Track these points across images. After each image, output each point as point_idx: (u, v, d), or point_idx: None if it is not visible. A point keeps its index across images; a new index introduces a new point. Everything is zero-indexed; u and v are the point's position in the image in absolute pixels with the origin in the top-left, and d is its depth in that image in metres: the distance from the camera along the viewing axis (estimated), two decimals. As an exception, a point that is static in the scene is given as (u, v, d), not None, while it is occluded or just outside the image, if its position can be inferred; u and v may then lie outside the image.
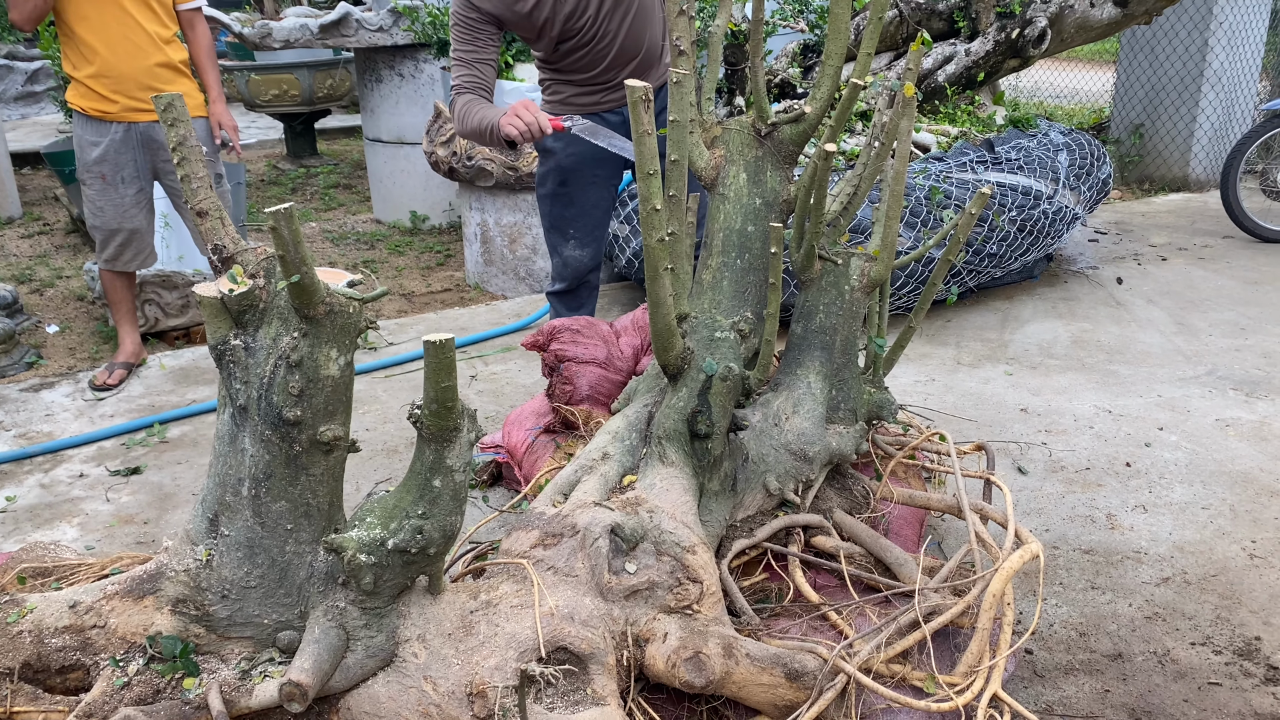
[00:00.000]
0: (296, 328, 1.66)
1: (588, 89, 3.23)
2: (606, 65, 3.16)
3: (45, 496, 3.29)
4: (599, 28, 3.08)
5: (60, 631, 1.77)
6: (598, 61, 3.15)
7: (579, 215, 3.37)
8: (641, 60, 3.21)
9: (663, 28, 3.24)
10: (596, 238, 3.44)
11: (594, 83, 3.21)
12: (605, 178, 3.36)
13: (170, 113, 1.69)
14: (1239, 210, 5.93)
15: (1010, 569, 1.95)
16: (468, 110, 3.06)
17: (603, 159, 3.28)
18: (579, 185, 3.33)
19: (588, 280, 3.50)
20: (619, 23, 3.09)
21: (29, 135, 9.56)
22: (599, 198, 3.38)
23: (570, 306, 3.53)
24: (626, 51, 3.15)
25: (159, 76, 3.92)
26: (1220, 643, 2.48)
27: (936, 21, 5.35)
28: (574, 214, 3.37)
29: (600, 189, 3.37)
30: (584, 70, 3.18)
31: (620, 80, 3.18)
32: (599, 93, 3.24)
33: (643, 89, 1.88)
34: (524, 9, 3.00)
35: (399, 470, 3.38)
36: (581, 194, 3.35)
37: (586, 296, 3.54)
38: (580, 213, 3.37)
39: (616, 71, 3.19)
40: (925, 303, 2.60)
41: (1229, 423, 3.63)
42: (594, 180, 3.34)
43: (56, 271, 5.85)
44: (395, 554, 1.69)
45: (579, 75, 3.19)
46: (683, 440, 2.18)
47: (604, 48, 3.12)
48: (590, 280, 3.51)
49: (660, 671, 1.86)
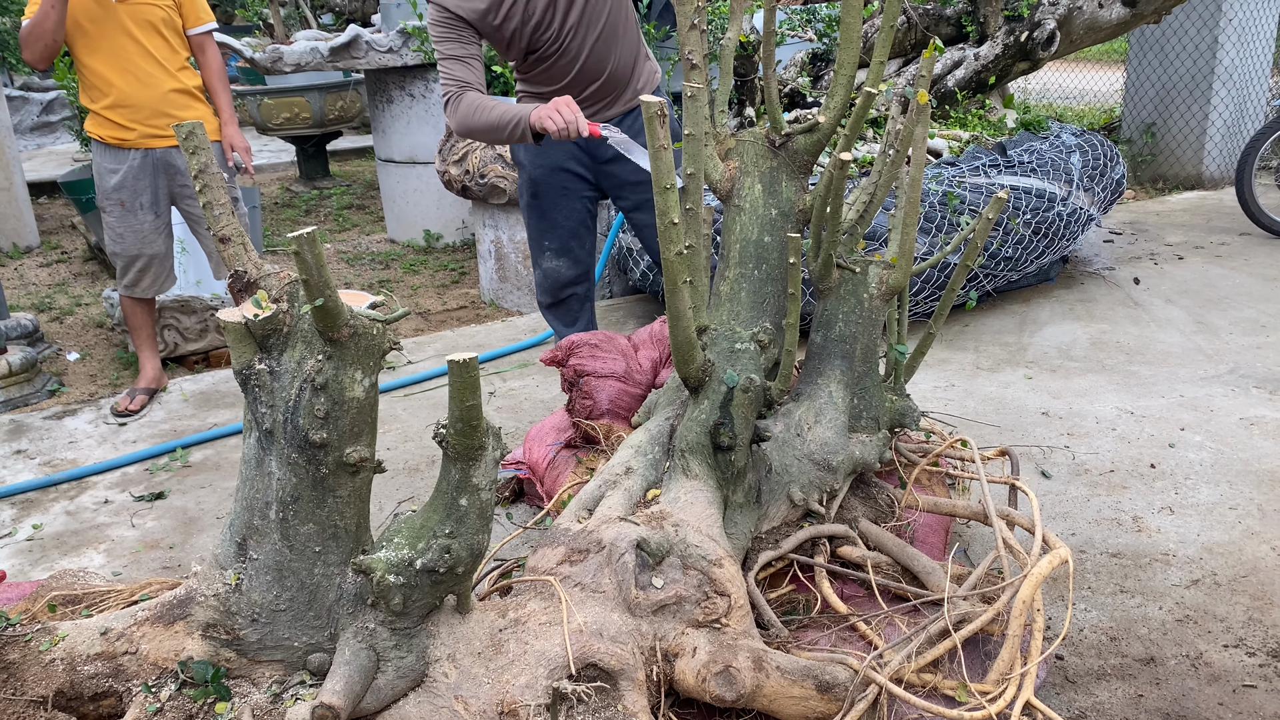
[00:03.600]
0: (321, 351, 1.67)
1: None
2: (570, 81, 3.20)
3: (71, 523, 3.31)
4: (563, 43, 3.12)
5: (92, 659, 1.78)
6: (561, 76, 3.19)
7: (552, 226, 3.41)
8: (606, 81, 3.24)
9: (636, 55, 3.28)
10: (573, 249, 3.46)
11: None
12: (577, 190, 3.39)
13: (191, 141, 1.71)
14: (1255, 207, 5.89)
15: (1039, 575, 1.94)
16: (481, 105, 3.00)
17: (571, 171, 3.33)
18: (549, 197, 3.37)
19: (574, 292, 3.52)
20: (582, 39, 3.12)
21: (45, 165, 9.66)
22: (571, 209, 3.40)
23: (564, 320, 3.55)
24: (590, 70, 3.19)
25: (174, 103, 3.96)
26: (1253, 644, 2.45)
27: (945, 27, 5.35)
28: (547, 225, 3.42)
29: (572, 200, 3.40)
30: (550, 84, 3.21)
31: (585, 97, 3.23)
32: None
33: (658, 104, 1.89)
34: (494, 21, 3.04)
35: (421, 489, 3.39)
36: (553, 206, 3.39)
37: (579, 309, 3.55)
38: (553, 224, 3.41)
39: (581, 89, 3.22)
40: (945, 308, 2.60)
41: (1253, 421, 3.60)
42: (564, 192, 3.36)
43: (75, 299, 5.90)
44: (423, 574, 1.70)
45: (547, 90, 3.23)
46: (706, 453, 2.18)
47: (567, 63, 3.16)
48: (577, 292, 3.52)
49: (690, 686, 1.85)
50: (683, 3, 2.30)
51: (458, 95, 3.03)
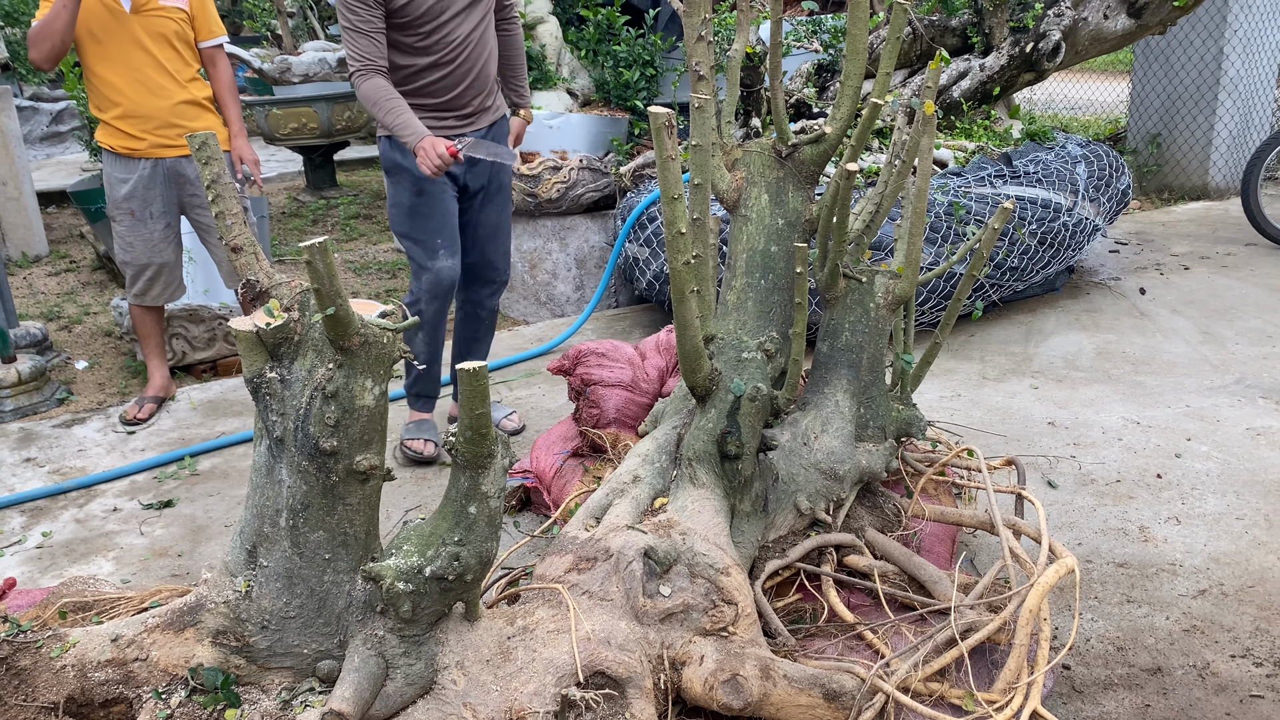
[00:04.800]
0: (331, 359, 1.68)
1: (439, 114, 3.37)
2: (461, 92, 3.36)
3: (80, 531, 3.32)
4: (462, 51, 3.30)
5: (103, 665, 1.79)
6: (454, 86, 3.34)
7: (442, 226, 3.45)
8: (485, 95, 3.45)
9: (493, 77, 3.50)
10: (459, 248, 3.54)
11: (446, 109, 3.38)
12: (452, 191, 3.49)
13: (204, 151, 1.73)
14: (1261, 217, 5.89)
15: (1046, 584, 1.94)
16: (384, 101, 3.23)
17: (449, 173, 3.42)
18: (436, 196, 3.43)
19: (450, 297, 3.56)
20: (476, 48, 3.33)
21: (54, 174, 9.71)
22: (451, 209, 3.48)
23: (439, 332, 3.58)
24: (478, 85, 3.40)
25: (184, 113, 3.98)
26: (1260, 654, 2.45)
27: (950, 38, 5.37)
28: (437, 225, 3.45)
29: (449, 201, 3.48)
30: (439, 95, 3.34)
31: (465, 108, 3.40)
32: (449, 119, 3.39)
33: (665, 115, 1.91)
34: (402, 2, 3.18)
35: (428, 497, 3.40)
36: (441, 205, 3.44)
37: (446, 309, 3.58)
38: (442, 224, 3.45)
39: (468, 100, 3.39)
40: (951, 318, 2.60)
41: (1260, 431, 3.60)
42: (445, 191, 3.44)
43: (84, 308, 5.93)
44: (433, 581, 1.70)
45: (432, 100, 3.35)
46: (713, 461, 2.19)
47: (462, 74, 3.33)
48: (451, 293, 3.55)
49: (698, 694, 1.86)
50: (690, 14, 2.32)
51: (366, 73, 3.24)
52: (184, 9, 3.93)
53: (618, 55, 5.50)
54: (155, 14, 3.86)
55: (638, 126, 5.50)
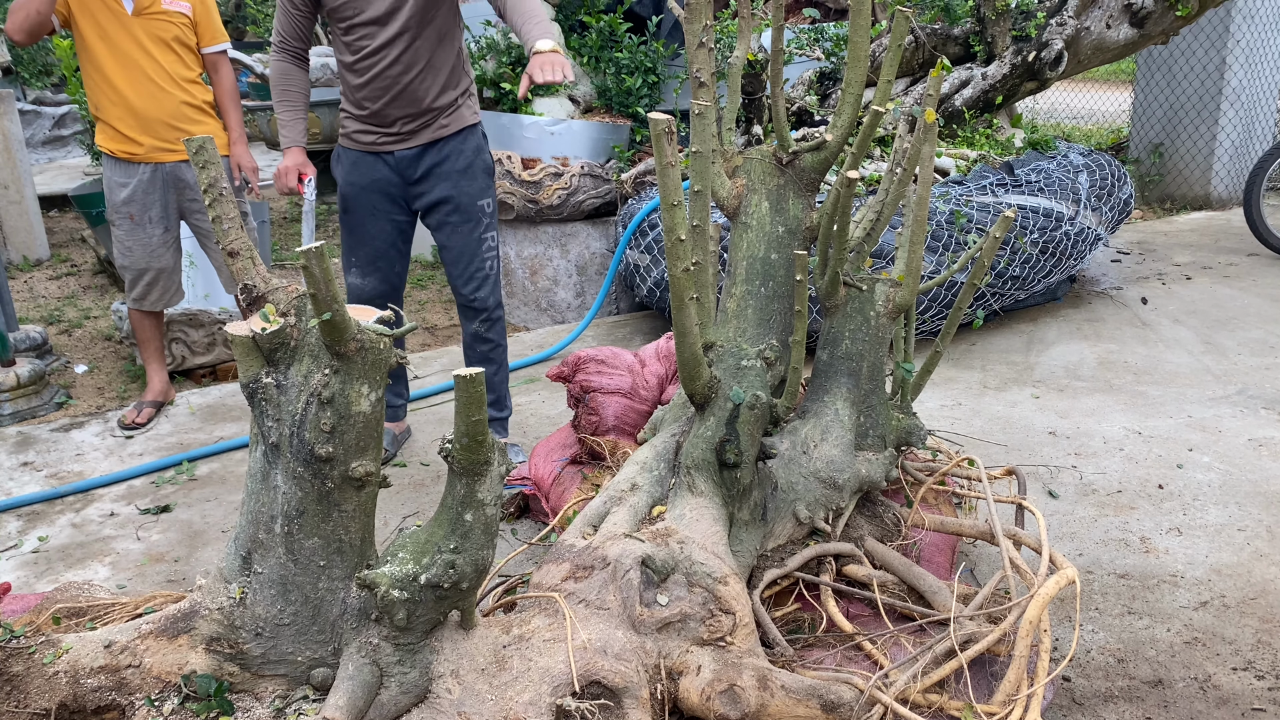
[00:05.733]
0: (328, 365, 1.67)
1: (367, 125, 3.34)
2: (383, 106, 3.27)
3: (77, 536, 3.31)
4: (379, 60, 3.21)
5: (96, 671, 1.78)
6: (375, 97, 3.26)
7: (359, 244, 3.44)
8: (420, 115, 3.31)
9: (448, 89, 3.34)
10: (380, 269, 3.48)
11: (372, 120, 3.31)
12: (386, 211, 3.43)
13: (202, 155, 1.72)
14: (1263, 227, 5.89)
15: (1046, 595, 1.93)
16: (277, 95, 3.34)
17: (382, 192, 3.39)
18: (359, 214, 3.42)
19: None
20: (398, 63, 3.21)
21: (56, 178, 9.72)
22: (380, 229, 3.43)
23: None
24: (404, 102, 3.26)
25: (184, 117, 3.98)
26: (1262, 667, 2.43)
27: (952, 46, 5.37)
28: (354, 242, 3.45)
29: (381, 221, 3.43)
30: (363, 105, 3.29)
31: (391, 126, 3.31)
32: (375, 132, 3.34)
33: (665, 121, 1.90)
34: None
35: (425, 504, 3.38)
36: (361, 224, 3.43)
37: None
38: (359, 242, 3.44)
39: (393, 117, 3.29)
40: (952, 326, 2.59)
41: (1262, 442, 3.59)
42: (374, 211, 3.41)
43: (84, 312, 5.93)
44: (428, 589, 1.69)
45: (358, 111, 3.31)
46: (712, 470, 2.18)
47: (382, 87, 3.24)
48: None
49: (694, 705, 1.84)
50: (691, 21, 2.31)
51: (278, 53, 3.33)
52: (186, 13, 3.93)
53: (620, 62, 5.51)
54: (157, 17, 3.86)
55: (639, 133, 5.50)
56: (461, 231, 3.42)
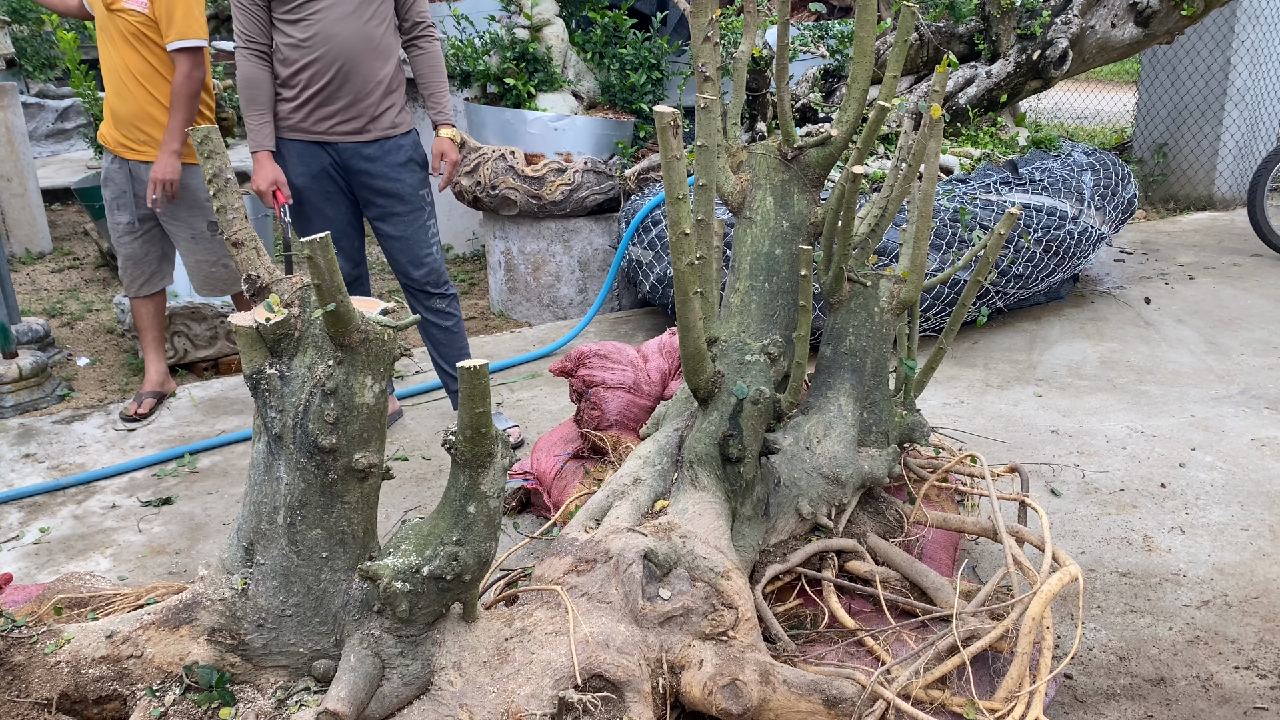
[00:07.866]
0: (331, 356, 1.67)
1: (312, 110, 3.40)
2: (327, 85, 3.36)
3: (78, 528, 3.31)
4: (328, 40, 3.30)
5: (97, 662, 1.78)
6: (319, 78, 3.35)
7: (320, 230, 3.50)
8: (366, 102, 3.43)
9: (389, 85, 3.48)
10: (344, 249, 3.62)
11: (319, 105, 3.39)
12: (337, 196, 3.54)
13: (206, 145, 1.72)
14: (1266, 228, 5.88)
15: (1049, 592, 1.93)
16: (245, 99, 3.39)
17: (330, 177, 3.50)
18: (313, 203, 3.52)
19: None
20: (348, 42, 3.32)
21: (59, 171, 9.71)
22: (337, 212, 3.56)
23: None
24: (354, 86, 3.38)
25: (147, 117, 3.92)
26: (1265, 666, 2.43)
27: (957, 44, 5.36)
28: (314, 230, 3.51)
29: (336, 205, 3.55)
30: (309, 84, 3.36)
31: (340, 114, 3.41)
32: (323, 119, 3.41)
33: (671, 115, 1.89)
34: None
35: (428, 498, 3.38)
36: (318, 209, 3.53)
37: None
38: (320, 228, 3.51)
39: (340, 101, 3.40)
40: (955, 324, 2.59)
41: (1264, 442, 3.58)
42: (327, 196, 3.53)
43: (87, 305, 5.92)
44: (430, 581, 1.69)
45: (302, 93, 3.38)
46: (714, 464, 2.17)
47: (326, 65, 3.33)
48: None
49: (697, 699, 1.84)
50: (696, 16, 2.31)
51: (243, 55, 3.39)
52: (142, 11, 3.80)
53: (624, 58, 5.50)
54: (119, 14, 3.83)
55: (643, 129, 5.50)
56: (407, 220, 3.57)
